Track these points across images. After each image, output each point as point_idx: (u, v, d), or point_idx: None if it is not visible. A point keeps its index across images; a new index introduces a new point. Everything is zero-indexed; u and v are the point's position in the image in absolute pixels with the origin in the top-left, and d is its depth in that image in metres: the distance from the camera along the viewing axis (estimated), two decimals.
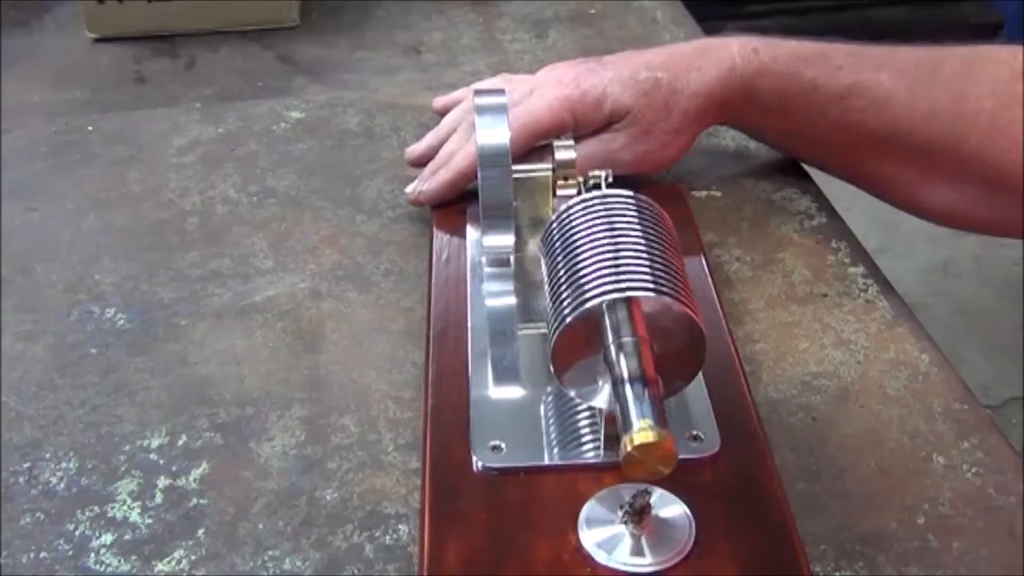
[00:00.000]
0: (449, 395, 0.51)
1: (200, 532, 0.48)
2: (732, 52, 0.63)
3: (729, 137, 0.76)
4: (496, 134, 0.54)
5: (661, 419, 0.39)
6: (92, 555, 0.47)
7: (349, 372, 0.56)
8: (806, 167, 0.72)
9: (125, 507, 0.49)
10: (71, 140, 0.78)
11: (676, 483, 0.43)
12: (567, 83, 0.63)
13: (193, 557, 0.47)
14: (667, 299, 0.43)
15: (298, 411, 0.54)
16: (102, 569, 0.47)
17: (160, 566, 0.47)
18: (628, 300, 0.43)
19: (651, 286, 0.43)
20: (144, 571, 0.46)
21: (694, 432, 0.47)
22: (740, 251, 0.64)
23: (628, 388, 0.41)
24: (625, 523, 0.42)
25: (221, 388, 0.56)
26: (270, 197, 0.71)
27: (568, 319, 0.43)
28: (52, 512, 0.49)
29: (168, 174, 0.74)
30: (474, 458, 0.47)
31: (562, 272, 0.45)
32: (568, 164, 0.56)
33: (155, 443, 0.53)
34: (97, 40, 0.92)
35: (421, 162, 0.68)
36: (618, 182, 0.51)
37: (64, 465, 0.52)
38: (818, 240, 0.65)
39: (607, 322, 0.43)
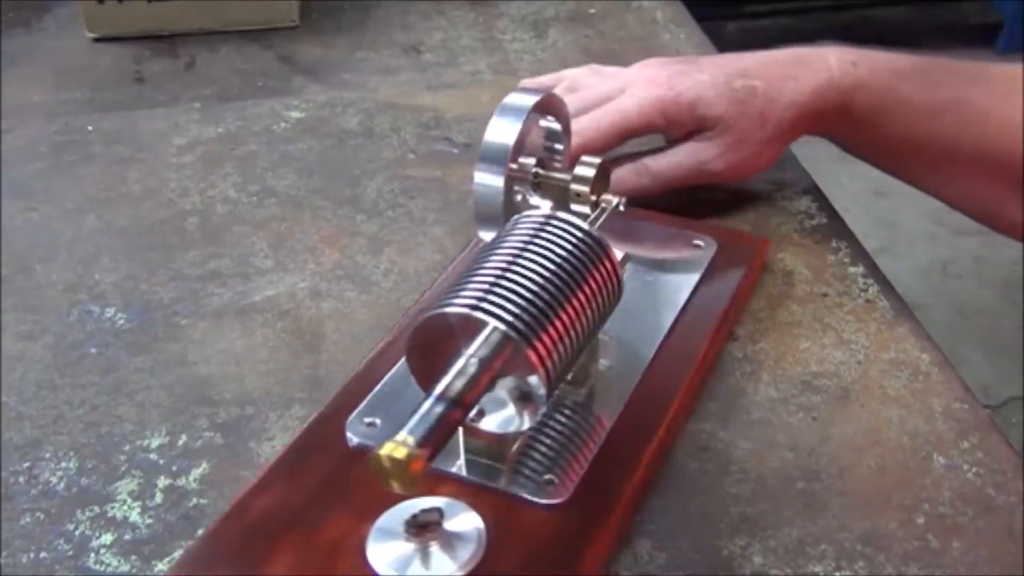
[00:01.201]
0: (377, 370, 0.52)
1: (200, 532, 0.48)
2: (830, 63, 0.62)
3: None
4: (505, 133, 0.52)
5: (430, 443, 0.38)
6: (92, 555, 0.47)
7: (349, 372, 0.56)
8: (800, 161, 0.72)
9: (125, 507, 0.49)
10: (71, 140, 0.78)
11: (502, 518, 0.44)
12: (660, 83, 0.62)
13: None
14: (513, 335, 0.41)
15: (298, 411, 0.54)
16: (102, 569, 0.47)
17: (160, 566, 0.47)
18: (497, 326, 0.42)
19: (501, 315, 0.41)
20: (144, 571, 0.46)
21: (547, 477, 0.46)
22: None
23: (430, 401, 0.40)
24: (406, 532, 0.42)
25: (221, 388, 0.56)
26: (270, 197, 0.71)
27: (428, 313, 0.43)
28: (52, 512, 0.49)
29: (168, 174, 0.74)
30: (347, 430, 0.48)
31: (466, 271, 0.45)
32: (583, 180, 0.53)
33: (155, 443, 0.53)
34: (97, 40, 0.92)
35: None
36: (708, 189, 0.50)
37: (64, 465, 0.52)
38: (818, 240, 0.65)
39: (478, 336, 0.42)
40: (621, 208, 0.52)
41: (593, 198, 0.53)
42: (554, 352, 0.43)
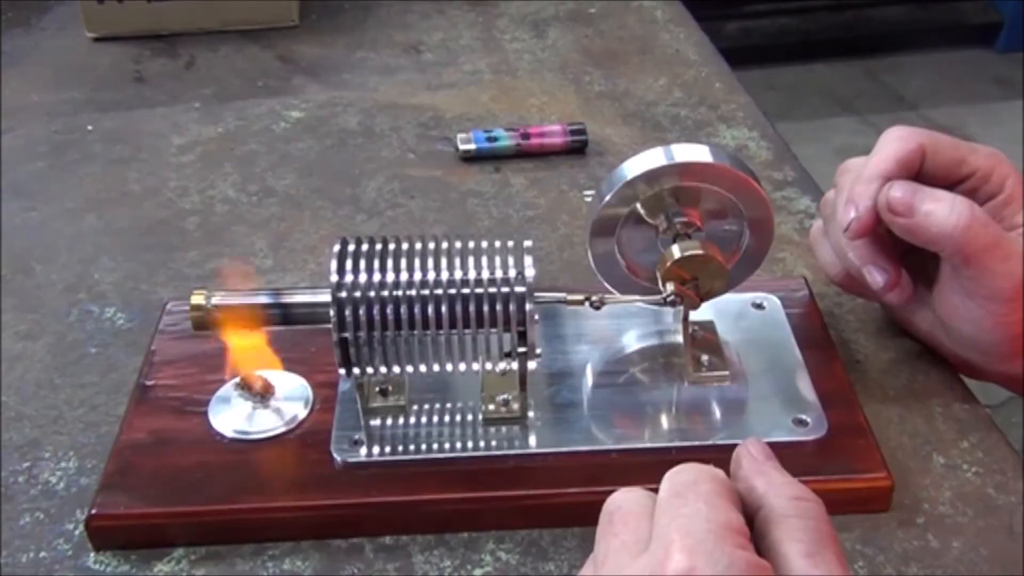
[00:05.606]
0: None
1: None
2: None
3: (729, 136, 0.76)
4: (688, 151, 0.49)
5: (222, 311, 0.48)
6: (92, 555, 0.47)
7: None
8: (800, 161, 0.72)
9: None
10: (71, 140, 0.78)
11: None
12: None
13: (193, 557, 0.47)
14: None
15: None
16: (102, 569, 0.47)
17: (160, 566, 0.47)
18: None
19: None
20: (144, 571, 0.46)
21: None
22: None
23: (266, 293, 0.49)
24: (238, 390, 0.51)
25: None
26: (270, 197, 0.71)
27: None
28: (52, 512, 0.49)
29: (168, 174, 0.74)
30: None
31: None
32: (668, 258, 0.50)
33: None
34: (97, 40, 0.92)
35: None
36: None
37: (64, 465, 0.52)
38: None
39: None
40: (600, 305, 0.50)
41: (669, 285, 0.49)
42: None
